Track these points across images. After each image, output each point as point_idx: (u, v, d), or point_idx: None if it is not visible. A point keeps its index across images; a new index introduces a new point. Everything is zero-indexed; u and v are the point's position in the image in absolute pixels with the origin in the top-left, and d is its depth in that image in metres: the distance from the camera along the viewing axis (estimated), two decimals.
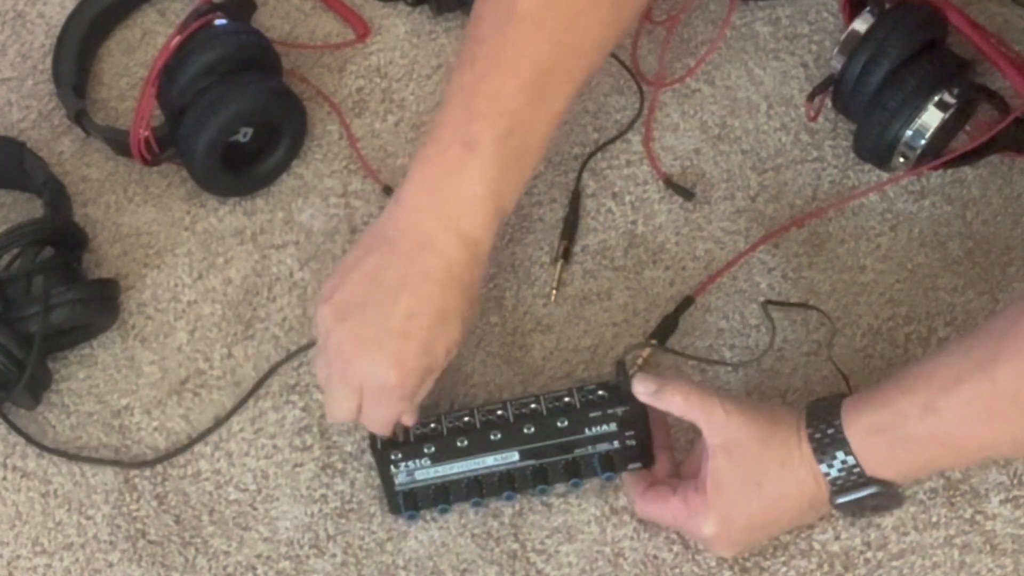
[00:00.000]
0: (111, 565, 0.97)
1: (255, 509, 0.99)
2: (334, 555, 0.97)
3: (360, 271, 0.89)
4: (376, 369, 0.88)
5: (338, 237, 1.08)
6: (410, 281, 0.88)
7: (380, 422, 0.92)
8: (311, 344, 1.02)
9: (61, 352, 1.03)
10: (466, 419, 0.94)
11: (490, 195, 0.89)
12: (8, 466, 1.00)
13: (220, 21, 1.05)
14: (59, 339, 1.01)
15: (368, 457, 0.99)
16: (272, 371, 1.02)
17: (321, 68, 1.15)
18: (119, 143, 1.08)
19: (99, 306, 1.01)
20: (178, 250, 1.08)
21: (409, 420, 0.93)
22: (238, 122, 1.04)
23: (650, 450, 0.95)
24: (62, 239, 1.02)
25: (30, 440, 1.00)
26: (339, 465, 1.00)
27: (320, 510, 0.98)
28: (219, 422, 1.01)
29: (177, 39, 1.04)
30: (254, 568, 0.97)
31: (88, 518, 0.99)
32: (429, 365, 0.89)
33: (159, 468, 1.00)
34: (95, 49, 1.16)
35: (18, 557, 0.98)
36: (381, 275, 0.88)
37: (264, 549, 0.97)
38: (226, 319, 1.05)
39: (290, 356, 1.03)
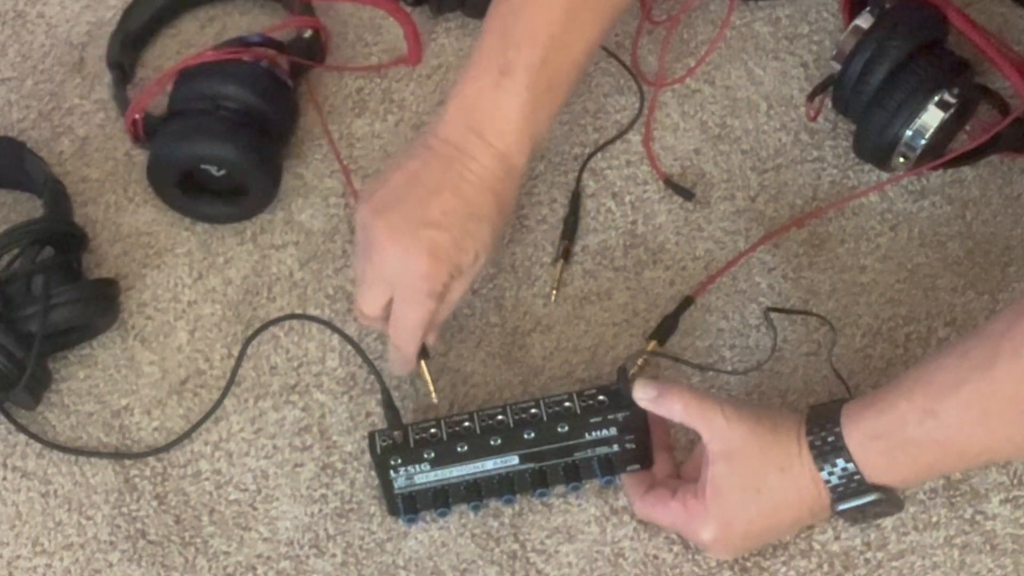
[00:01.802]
0: (111, 565, 0.97)
1: (255, 509, 0.99)
2: (334, 555, 0.97)
3: (401, 172, 0.94)
4: (408, 258, 0.92)
5: (338, 237, 1.08)
6: (448, 182, 0.93)
7: (409, 324, 0.94)
8: (294, 315, 1.04)
9: (61, 352, 1.03)
10: (466, 424, 0.94)
11: (523, 118, 0.94)
12: (8, 466, 1.00)
13: (262, 63, 1.05)
14: (59, 339, 1.01)
15: (368, 457, 0.99)
16: (260, 331, 1.01)
17: (321, 68, 1.15)
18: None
19: (99, 306, 1.01)
20: (178, 250, 1.08)
21: (432, 337, 0.97)
22: (202, 160, 1.03)
23: (649, 452, 0.95)
24: (62, 239, 1.02)
25: (31, 436, 1.00)
26: (339, 465, 1.00)
27: (320, 510, 0.98)
28: (222, 396, 1.01)
29: (211, 55, 1.04)
30: (254, 568, 0.97)
31: (88, 518, 0.99)
32: (459, 262, 0.93)
33: (159, 468, 1.00)
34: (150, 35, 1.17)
35: (18, 557, 0.98)
36: (420, 175, 0.94)
37: (264, 549, 0.97)
38: (226, 319, 1.05)
39: (276, 320, 1.03)
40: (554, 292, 1.05)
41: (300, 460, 1.00)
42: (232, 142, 1.02)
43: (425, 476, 0.94)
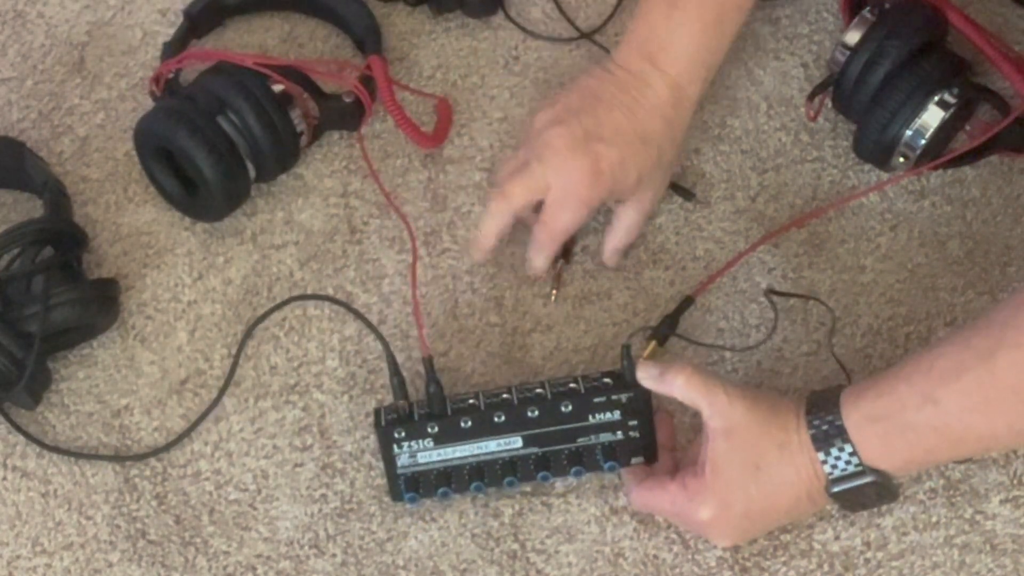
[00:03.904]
0: (111, 565, 0.97)
1: (255, 509, 0.99)
2: (334, 555, 0.97)
3: (581, 87, 1.01)
4: (575, 165, 0.97)
5: (338, 237, 1.08)
6: (622, 101, 0.99)
7: (557, 225, 0.99)
8: (294, 298, 1.04)
9: (61, 352, 1.03)
10: (471, 401, 0.94)
11: (695, 47, 1.00)
12: (8, 466, 1.00)
13: (288, 103, 1.04)
14: (59, 339, 1.01)
15: (368, 457, 0.99)
16: (260, 320, 1.03)
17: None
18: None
19: (99, 306, 1.01)
20: (178, 250, 1.08)
21: (612, 258, 1.04)
22: (172, 146, 1.03)
23: (654, 445, 0.95)
24: (62, 239, 1.02)
25: (30, 438, 1.00)
26: (339, 465, 1.00)
27: (320, 510, 0.98)
28: (220, 393, 1.02)
29: (250, 63, 1.04)
30: (254, 568, 0.97)
31: (88, 518, 0.99)
32: (618, 180, 0.98)
33: (159, 468, 1.00)
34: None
35: (18, 557, 0.98)
36: (599, 92, 1.00)
37: (264, 549, 0.97)
38: (226, 319, 1.05)
39: (275, 307, 1.04)
40: (554, 292, 1.05)
41: (300, 460, 1.00)
42: (205, 150, 1.01)
43: (428, 455, 0.94)
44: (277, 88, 1.05)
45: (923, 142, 1.02)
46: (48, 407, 1.02)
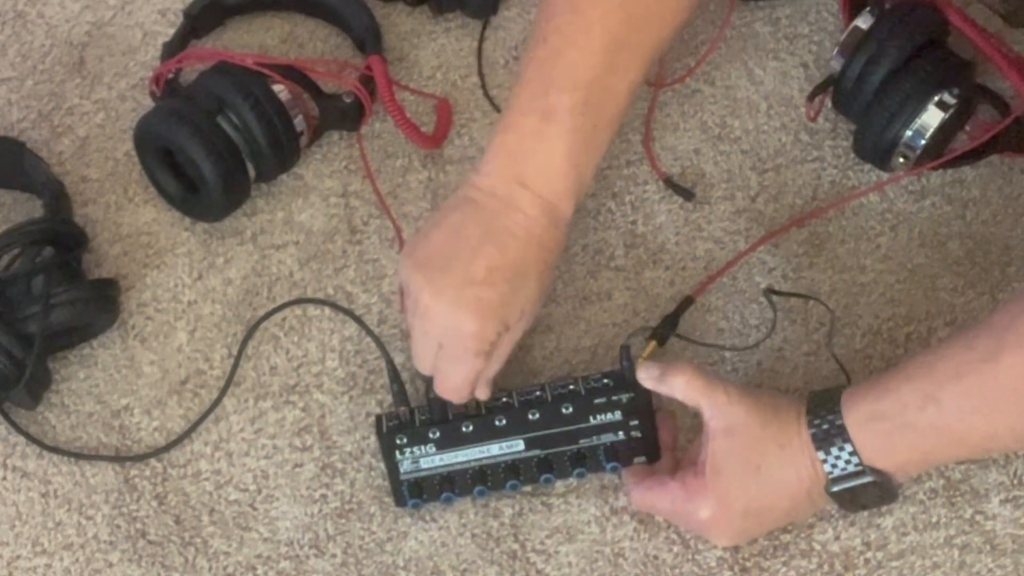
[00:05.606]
0: (111, 565, 0.97)
1: (255, 509, 0.99)
2: (334, 555, 0.97)
3: (443, 227, 0.91)
4: (454, 318, 0.89)
5: (338, 237, 1.08)
6: (492, 236, 0.90)
7: (455, 381, 0.92)
8: (297, 300, 1.04)
9: (61, 352, 1.03)
10: (471, 405, 0.94)
11: (568, 164, 0.91)
12: (8, 466, 1.00)
13: (287, 103, 1.04)
14: (59, 339, 1.01)
15: (368, 457, 0.99)
16: (261, 321, 1.03)
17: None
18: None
19: (99, 306, 1.01)
20: (178, 250, 1.08)
21: (483, 392, 0.94)
22: (172, 146, 1.03)
23: (655, 444, 0.95)
24: (62, 239, 1.02)
25: (30, 438, 1.00)
26: (339, 465, 1.00)
27: (320, 510, 0.98)
28: (221, 393, 1.02)
29: (251, 63, 1.04)
30: (254, 568, 0.97)
31: (88, 518, 0.99)
32: (505, 320, 0.90)
33: (159, 468, 1.00)
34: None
35: (18, 557, 0.98)
36: (463, 230, 0.90)
37: (264, 549, 0.97)
38: (226, 319, 1.05)
39: (277, 309, 1.04)
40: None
41: (300, 460, 1.00)
42: (205, 150, 1.01)
43: (431, 460, 0.94)
44: (277, 88, 1.05)
45: (923, 142, 1.02)
46: (48, 407, 1.02)
